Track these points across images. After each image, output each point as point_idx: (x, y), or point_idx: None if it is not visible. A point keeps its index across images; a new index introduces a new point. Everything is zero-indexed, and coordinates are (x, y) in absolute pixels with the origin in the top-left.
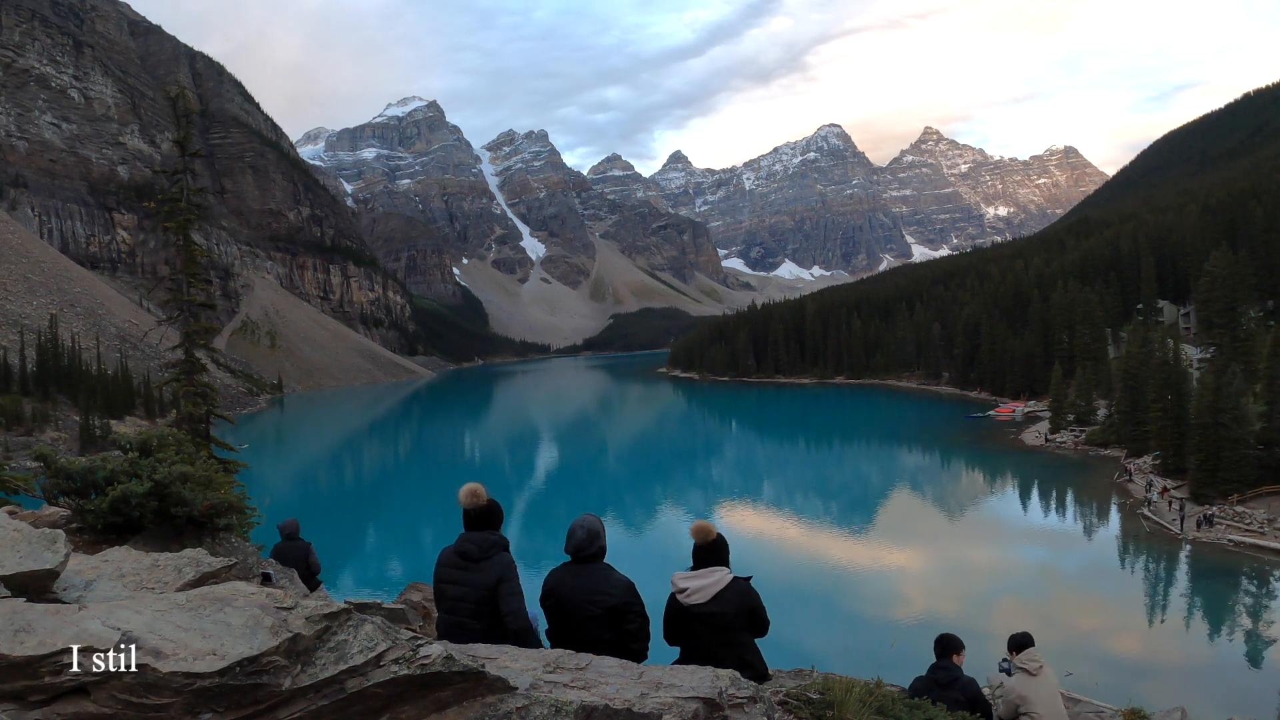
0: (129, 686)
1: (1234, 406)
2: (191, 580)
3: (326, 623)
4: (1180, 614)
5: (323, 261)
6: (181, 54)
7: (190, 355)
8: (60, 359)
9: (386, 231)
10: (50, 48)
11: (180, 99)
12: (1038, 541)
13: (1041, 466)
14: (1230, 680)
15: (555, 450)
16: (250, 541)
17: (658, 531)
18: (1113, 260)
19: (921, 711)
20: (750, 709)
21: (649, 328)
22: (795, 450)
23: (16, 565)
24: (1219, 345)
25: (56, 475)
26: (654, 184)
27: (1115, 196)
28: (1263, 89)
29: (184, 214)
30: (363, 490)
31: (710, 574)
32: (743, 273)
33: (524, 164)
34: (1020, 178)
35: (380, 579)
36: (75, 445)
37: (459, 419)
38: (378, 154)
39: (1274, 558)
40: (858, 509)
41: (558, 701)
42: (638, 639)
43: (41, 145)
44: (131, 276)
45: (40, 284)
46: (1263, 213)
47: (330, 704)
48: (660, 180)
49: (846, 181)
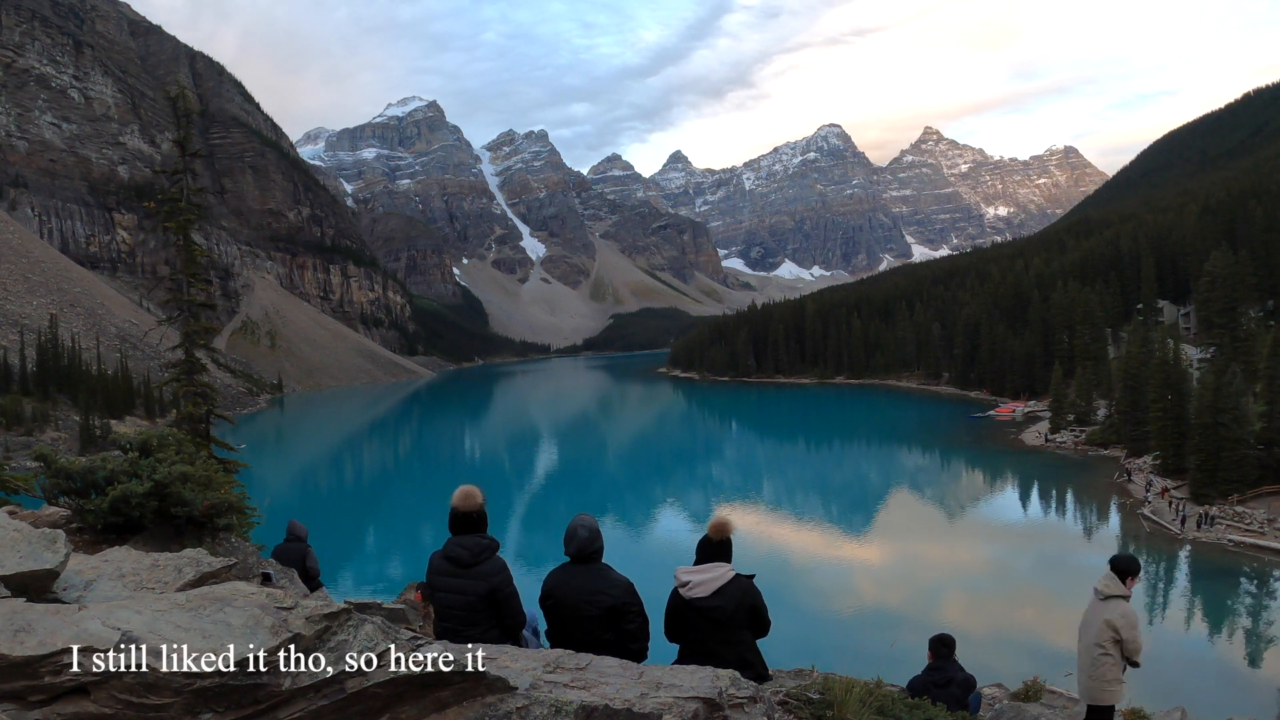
0: (129, 686)
1: (1234, 406)
2: (191, 580)
3: (326, 623)
4: (1180, 614)
5: (323, 261)
6: (181, 54)
7: (190, 355)
8: (60, 359)
9: (386, 231)
10: (50, 48)
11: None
12: (1038, 542)
13: (1041, 466)
14: (1230, 680)
15: (555, 450)
16: (250, 541)
17: (658, 532)
18: (1113, 260)
19: (921, 711)
20: (750, 709)
21: (649, 328)
22: (795, 450)
23: (16, 565)
24: (1219, 345)
25: (56, 475)
26: (654, 184)
27: (1115, 196)
28: (1263, 89)
29: (184, 214)
30: (363, 490)
31: (713, 569)
32: (743, 273)
33: (524, 164)
34: (1020, 178)
35: (380, 579)
36: (75, 445)
37: (459, 419)
38: (378, 154)
39: (1274, 558)
40: (858, 509)
41: (558, 701)
42: (637, 639)
43: (41, 145)
44: (131, 276)
45: (40, 284)
46: (1263, 213)
47: (330, 704)
48: (660, 180)
49: (846, 181)
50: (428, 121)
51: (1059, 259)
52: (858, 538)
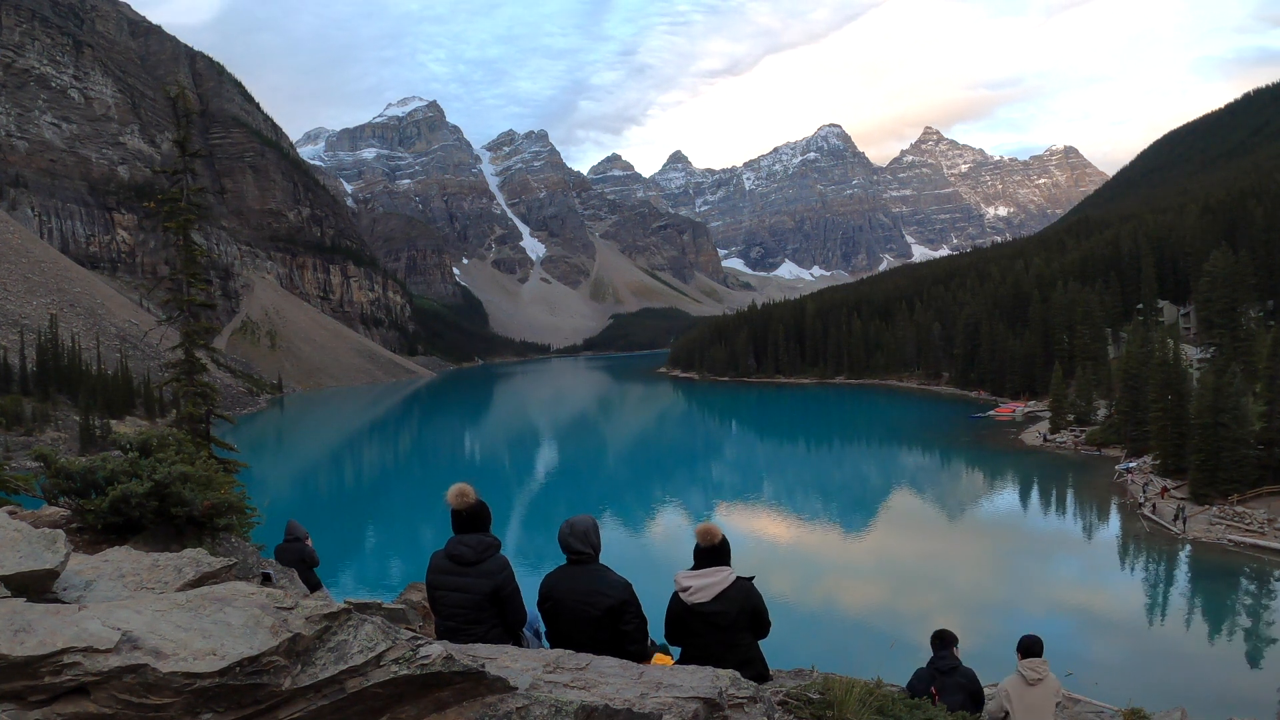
0: (129, 686)
1: (1234, 406)
2: (191, 580)
3: (326, 623)
4: (1180, 614)
5: (323, 261)
6: (181, 54)
7: (190, 355)
8: (60, 359)
9: (386, 231)
10: (50, 48)
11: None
12: (1037, 542)
13: (1041, 466)
14: (1230, 680)
15: (555, 451)
16: (250, 541)
17: (658, 533)
18: (1113, 260)
19: (921, 711)
20: (750, 709)
21: (649, 328)
22: (795, 450)
23: (16, 565)
24: (1219, 345)
25: (56, 475)
26: (654, 184)
27: (1115, 196)
28: (1263, 89)
29: (184, 214)
30: (362, 490)
31: (714, 573)
32: (743, 273)
33: (524, 164)
34: (1020, 178)
35: (380, 579)
36: (75, 445)
37: (459, 419)
38: (378, 154)
39: (1274, 558)
40: (858, 509)
41: (558, 701)
42: (635, 640)
43: (41, 145)
44: (131, 276)
45: (40, 284)
46: (1263, 213)
47: (330, 704)
48: (660, 180)
49: (846, 181)
50: (428, 121)
51: (1059, 259)
52: (858, 538)
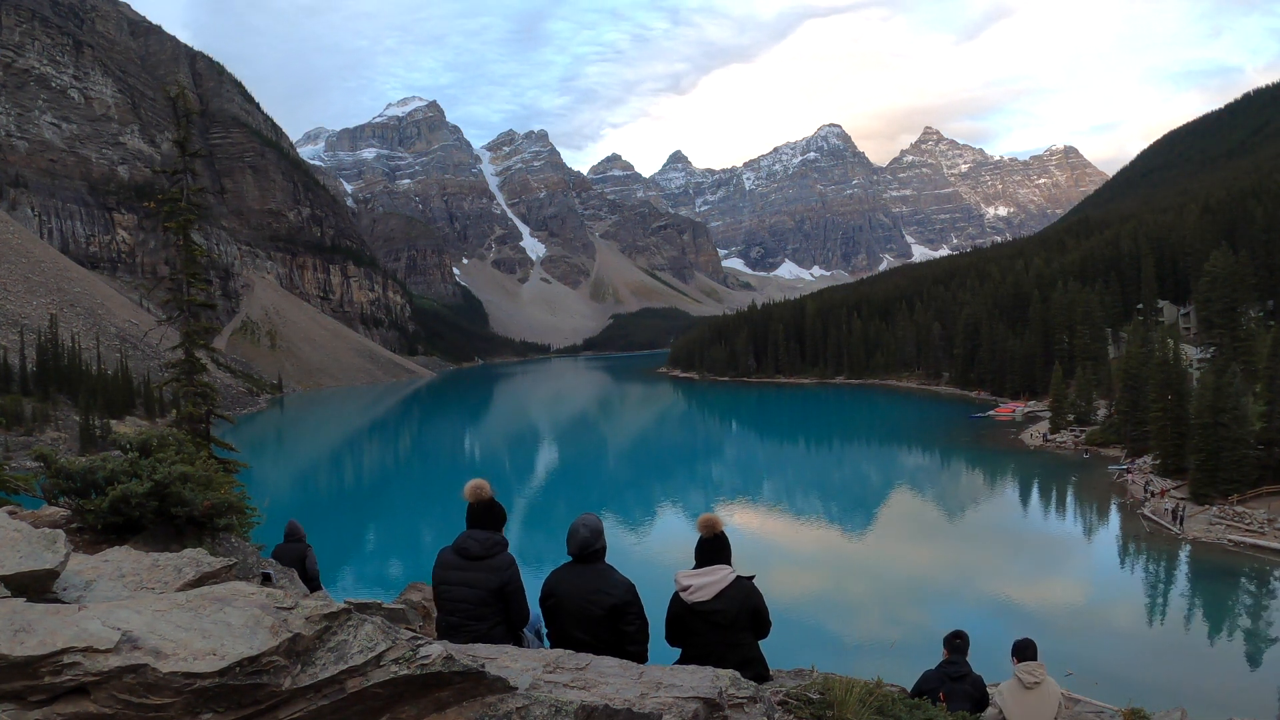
0: (129, 686)
1: (1234, 406)
2: (191, 580)
3: (326, 623)
4: (1180, 614)
5: (323, 261)
6: (181, 54)
7: (190, 355)
8: (60, 359)
9: (386, 231)
10: (50, 48)
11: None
12: (1037, 541)
13: (1041, 466)
14: (1230, 680)
15: (555, 450)
16: (250, 541)
17: (658, 532)
18: (1113, 260)
19: (921, 712)
20: (750, 709)
21: (649, 328)
22: (795, 450)
23: (16, 565)
24: (1219, 345)
25: (56, 475)
26: (654, 184)
27: (1115, 196)
28: (1262, 89)
29: (184, 214)
30: (363, 490)
31: (714, 572)
32: (743, 273)
33: (524, 164)
34: (1020, 178)
35: (380, 579)
36: (75, 445)
37: (459, 419)
38: (378, 154)
39: (1274, 558)
40: (858, 509)
41: (558, 701)
42: (637, 641)
43: (41, 145)
44: (131, 276)
45: (40, 284)
46: (1263, 213)
47: (330, 704)
48: (660, 180)
49: (846, 181)
50: (428, 121)
51: (1059, 259)
52: (858, 538)
